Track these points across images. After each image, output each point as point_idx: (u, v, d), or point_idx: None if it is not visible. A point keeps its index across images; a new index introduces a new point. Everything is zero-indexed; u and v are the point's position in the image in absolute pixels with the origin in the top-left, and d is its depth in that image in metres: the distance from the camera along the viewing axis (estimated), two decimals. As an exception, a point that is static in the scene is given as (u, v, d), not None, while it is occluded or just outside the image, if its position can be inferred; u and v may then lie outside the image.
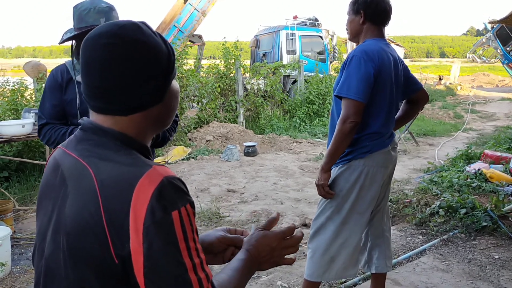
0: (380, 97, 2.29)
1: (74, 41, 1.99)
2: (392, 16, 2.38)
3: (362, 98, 2.16)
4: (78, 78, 2.05)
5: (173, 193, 0.85)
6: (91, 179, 0.87)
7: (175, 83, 1.00)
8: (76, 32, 1.92)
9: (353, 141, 2.29)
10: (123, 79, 0.89)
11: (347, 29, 2.41)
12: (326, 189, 2.30)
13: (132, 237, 0.82)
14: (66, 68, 2.08)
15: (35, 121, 5.00)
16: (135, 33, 0.90)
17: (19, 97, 6.25)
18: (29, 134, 4.76)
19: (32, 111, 5.27)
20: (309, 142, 9.13)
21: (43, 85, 6.72)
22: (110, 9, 1.94)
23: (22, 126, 4.65)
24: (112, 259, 0.83)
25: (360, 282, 3.07)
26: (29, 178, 5.64)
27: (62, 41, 2.00)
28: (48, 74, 7.23)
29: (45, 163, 5.31)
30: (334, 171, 2.38)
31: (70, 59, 2.10)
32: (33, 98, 6.72)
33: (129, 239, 0.82)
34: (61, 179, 0.94)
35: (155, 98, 0.94)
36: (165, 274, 0.82)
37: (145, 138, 0.98)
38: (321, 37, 13.86)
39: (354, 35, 2.39)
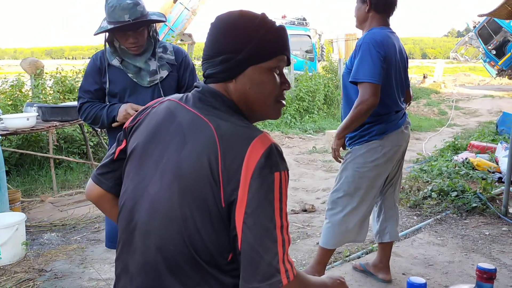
0: (389, 80, 2.48)
1: (106, 32, 2.21)
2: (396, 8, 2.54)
3: (377, 79, 2.33)
4: (114, 62, 2.25)
5: (278, 158, 1.00)
6: (212, 133, 1.02)
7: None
8: (109, 26, 2.12)
9: (369, 123, 2.49)
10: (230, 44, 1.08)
11: (355, 16, 2.61)
12: (338, 153, 2.55)
13: (241, 187, 0.96)
14: (105, 54, 2.27)
15: (38, 115, 5.11)
16: (240, 17, 1.11)
17: (18, 92, 6.33)
18: (33, 127, 4.87)
19: (34, 105, 5.38)
20: (300, 138, 9.33)
21: (41, 81, 6.84)
22: (134, 4, 2.09)
23: (27, 119, 4.76)
24: (221, 203, 0.98)
25: (363, 255, 3.27)
26: (29, 172, 5.72)
27: (97, 33, 2.20)
28: (44, 70, 7.35)
29: (47, 155, 5.41)
30: (353, 151, 2.58)
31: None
32: (30, 94, 6.81)
33: (238, 188, 0.96)
34: (178, 129, 1.08)
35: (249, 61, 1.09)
36: (259, 223, 0.95)
37: (244, 107, 1.12)
38: (309, 36, 14.13)
39: (360, 22, 2.58)
